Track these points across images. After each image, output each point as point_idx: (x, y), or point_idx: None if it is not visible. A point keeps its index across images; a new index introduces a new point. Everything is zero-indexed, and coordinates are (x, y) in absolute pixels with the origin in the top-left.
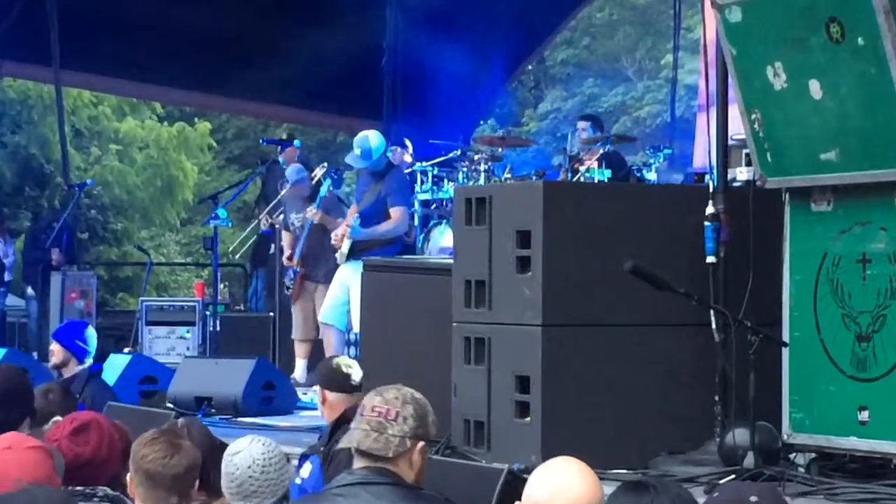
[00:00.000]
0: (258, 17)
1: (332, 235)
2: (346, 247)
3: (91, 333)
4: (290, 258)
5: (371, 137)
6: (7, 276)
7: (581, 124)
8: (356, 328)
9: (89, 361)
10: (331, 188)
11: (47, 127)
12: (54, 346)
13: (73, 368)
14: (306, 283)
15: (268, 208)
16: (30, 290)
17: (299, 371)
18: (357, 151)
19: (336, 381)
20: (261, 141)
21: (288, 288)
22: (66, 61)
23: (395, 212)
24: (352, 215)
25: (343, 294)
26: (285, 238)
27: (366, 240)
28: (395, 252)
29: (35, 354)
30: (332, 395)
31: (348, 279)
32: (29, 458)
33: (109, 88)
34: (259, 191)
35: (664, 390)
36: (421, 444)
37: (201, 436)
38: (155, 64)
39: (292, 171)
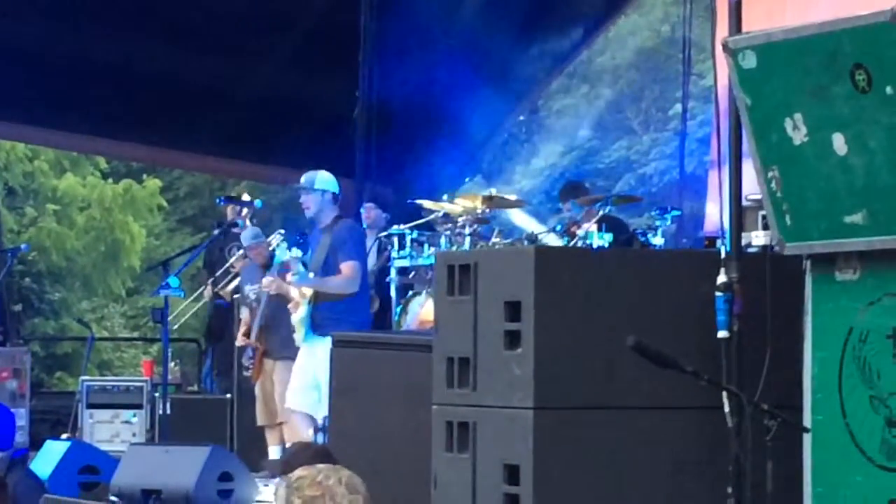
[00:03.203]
0: (213, 62)
1: (291, 304)
2: (301, 312)
3: (8, 414)
4: (246, 335)
5: (317, 172)
6: None
7: (565, 206)
8: (296, 405)
9: (12, 447)
10: (289, 252)
11: None
12: None
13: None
14: (265, 361)
15: (212, 277)
16: None
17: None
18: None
19: None
20: (217, 200)
21: (247, 369)
22: None
23: (346, 267)
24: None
25: (311, 377)
26: (244, 314)
27: (314, 288)
28: (365, 326)
29: None
30: None
31: (313, 358)
32: None
33: (46, 141)
34: (204, 256)
35: (671, 481)
36: None
37: None
38: (97, 114)
39: (248, 234)
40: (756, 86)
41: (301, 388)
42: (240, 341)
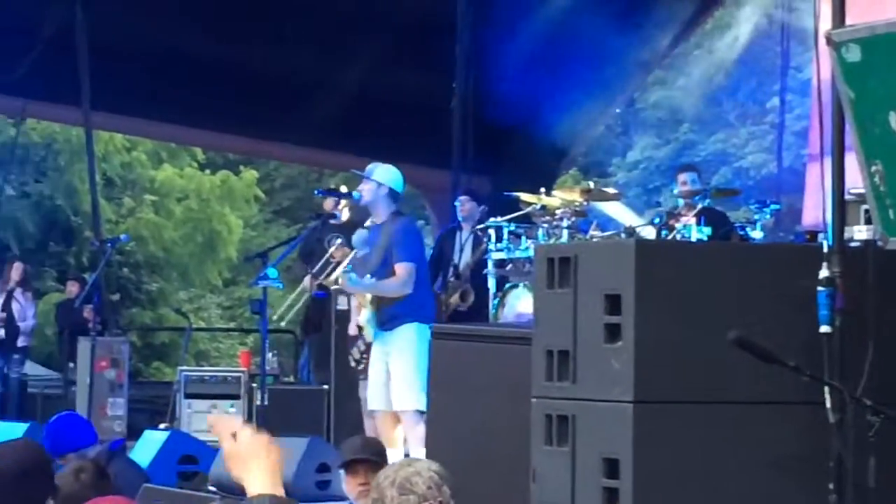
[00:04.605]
0: (311, 54)
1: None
2: (365, 316)
3: (77, 418)
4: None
5: (380, 164)
6: (23, 342)
7: (682, 177)
8: (399, 405)
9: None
10: None
11: (75, 175)
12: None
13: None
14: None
15: (314, 269)
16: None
17: None
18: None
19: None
20: (315, 192)
21: (357, 362)
22: (97, 101)
23: (400, 268)
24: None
25: (384, 373)
26: (354, 303)
27: (368, 292)
28: (431, 322)
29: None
30: None
31: (385, 354)
32: None
33: (145, 132)
34: (300, 247)
35: (771, 477)
36: None
37: None
38: (196, 105)
39: (359, 239)
40: (860, 79)
41: (377, 385)
42: (353, 330)
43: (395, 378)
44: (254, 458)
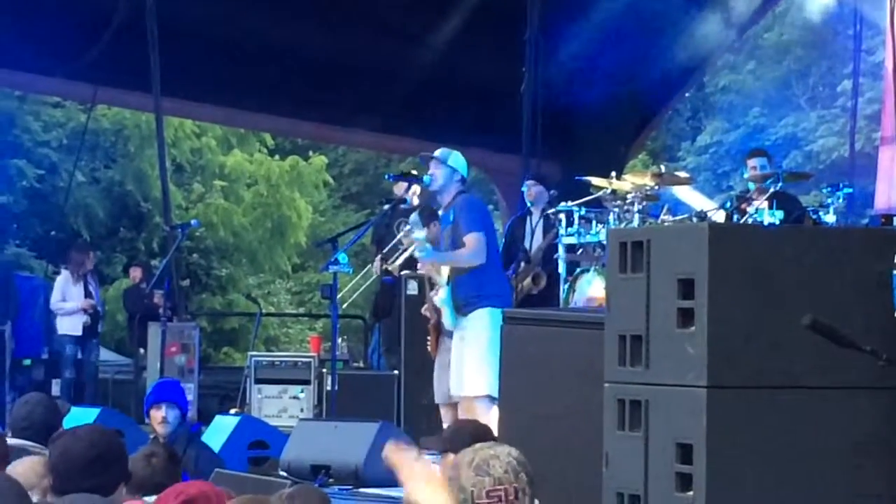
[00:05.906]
0: (380, 40)
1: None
2: (442, 294)
3: (175, 384)
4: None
5: (453, 150)
6: (100, 327)
7: (751, 162)
8: (470, 390)
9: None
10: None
11: (145, 161)
12: (167, 410)
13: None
14: (441, 338)
15: (382, 253)
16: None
17: None
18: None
19: None
20: (386, 177)
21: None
22: (167, 88)
23: (468, 239)
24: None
25: (463, 360)
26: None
27: (442, 263)
28: (507, 301)
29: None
30: None
31: (461, 340)
32: None
33: (214, 118)
34: (372, 232)
35: (848, 463)
36: None
37: None
38: (265, 90)
39: (416, 219)
40: None
41: (458, 373)
42: (424, 311)
43: (468, 363)
44: None
